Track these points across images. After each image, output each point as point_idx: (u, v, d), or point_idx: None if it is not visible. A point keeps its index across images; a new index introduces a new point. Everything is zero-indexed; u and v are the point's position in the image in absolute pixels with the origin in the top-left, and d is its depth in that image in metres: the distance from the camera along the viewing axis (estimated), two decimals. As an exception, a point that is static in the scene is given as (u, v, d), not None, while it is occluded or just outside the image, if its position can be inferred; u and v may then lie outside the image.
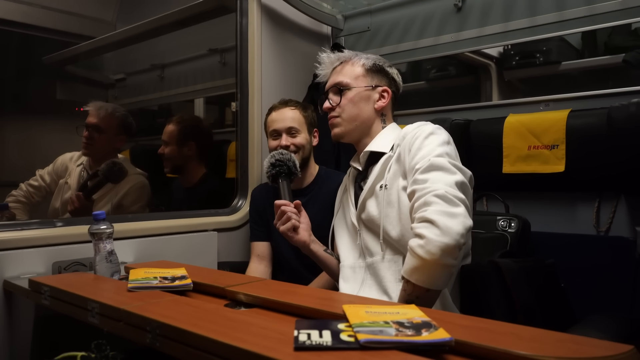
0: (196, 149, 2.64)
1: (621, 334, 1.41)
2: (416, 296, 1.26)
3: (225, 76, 3.25)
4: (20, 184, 2.53)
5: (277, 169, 1.73)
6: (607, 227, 1.93)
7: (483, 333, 0.94)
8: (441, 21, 2.41)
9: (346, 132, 1.66)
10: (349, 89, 1.64)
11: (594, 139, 1.86)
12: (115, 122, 2.56)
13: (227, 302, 1.31)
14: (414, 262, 1.25)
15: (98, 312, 1.20)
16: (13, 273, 1.62)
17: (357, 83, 1.65)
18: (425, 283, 1.25)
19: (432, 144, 1.43)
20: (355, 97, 1.64)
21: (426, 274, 1.24)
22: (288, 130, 2.04)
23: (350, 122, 1.64)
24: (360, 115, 1.64)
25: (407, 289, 1.28)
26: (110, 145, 2.55)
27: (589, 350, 0.84)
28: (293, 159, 1.78)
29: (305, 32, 2.70)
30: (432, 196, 1.28)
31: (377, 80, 1.67)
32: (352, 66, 1.68)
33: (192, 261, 1.82)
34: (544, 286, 1.67)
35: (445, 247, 1.21)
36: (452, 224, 1.23)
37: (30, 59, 3.48)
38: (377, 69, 1.68)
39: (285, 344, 0.86)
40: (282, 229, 1.64)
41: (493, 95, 3.16)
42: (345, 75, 1.67)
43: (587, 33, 2.89)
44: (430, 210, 1.26)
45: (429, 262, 1.22)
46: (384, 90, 1.66)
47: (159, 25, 3.14)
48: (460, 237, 1.23)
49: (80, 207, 2.28)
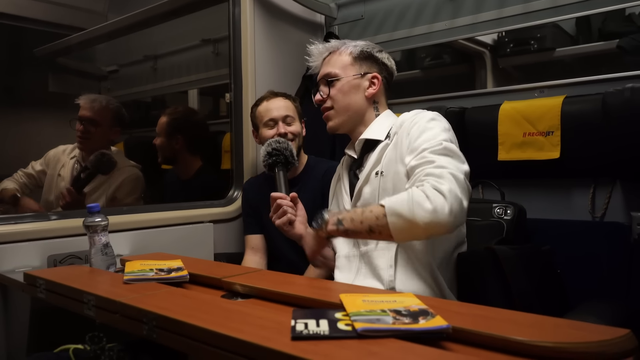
0: (184, 142, 2.63)
1: (617, 319, 1.42)
2: (380, 232, 1.29)
3: (218, 67, 3.23)
4: (14, 174, 2.52)
5: (273, 158, 1.72)
6: (602, 213, 1.93)
7: (480, 320, 0.94)
8: (435, 9, 2.39)
9: (340, 124, 1.64)
10: (338, 79, 1.62)
11: (589, 125, 1.85)
12: (109, 115, 2.54)
13: (224, 293, 1.31)
14: (406, 222, 1.24)
15: (94, 305, 1.19)
16: (8, 267, 1.61)
17: (346, 72, 1.62)
18: (397, 235, 1.27)
19: (437, 128, 1.42)
20: (344, 87, 1.62)
21: (406, 232, 1.26)
22: (284, 119, 2.04)
23: (343, 113, 1.63)
24: (351, 105, 1.62)
25: (378, 218, 1.28)
26: (105, 137, 2.53)
27: (587, 335, 0.84)
28: (290, 147, 1.76)
29: (298, 21, 2.67)
30: (448, 173, 1.27)
31: (366, 67, 1.64)
32: (340, 55, 1.65)
33: (188, 253, 1.82)
34: (540, 273, 1.68)
35: (438, 227, 1.23)
36: (458, 212, 1.24)
37: (21, 51, 3.45)
38: (364, 55, 1.65)
39: (282, 334, 0.85)
40: (278, 223, 1.63)
41: (488, 82, 3.15)
42: (334, 65, 1.64)
43: (581, 19, 2.89)
44: (445, 185, 1.25)
45: (419, 226, 1.23)
46: (373, 77, 1.63)
47: (151, 15, 3.11)
48: (454, 228, 1.26)
49: (72, 201, 2.26)
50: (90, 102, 2.50)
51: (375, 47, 1.69)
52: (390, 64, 1.70)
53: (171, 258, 1.61)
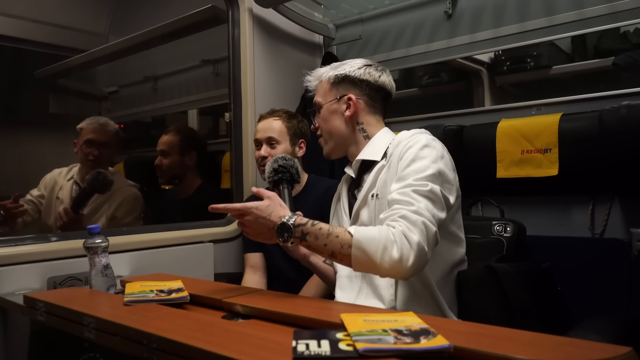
0: (197, 158, 2.66)
1: (619, 336, 1.41)
2: (340, 258, 1.31)
3: (218, 87, 3.26)
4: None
5: (279, 175, 1.70)
6: (601, 230, 1.93)
7: (481, 338, 0.94)
8: (432, 28, 2.42)
9: (331, 150, 1.67)
10: (320, 107, 1.66)
11: (587, 142, 1.86)
12: (117, 138, 2.59)
13: (225, 313, 1.31)
14: (368, 260, 1.25)
15: (94, 327, 1.19)
16: (7, 289, 1.60)
17: (326, 99, 1.64)
18: (355, 264, 1.28)
19: (428, 158, 1.40)
20: (324, 114, 1.64)
21: (362, 265, 1.28)
22: (267, 141, 2.05)
23: (330, 139, 1.65)
24: (333, 130, 1.63)
25: (339, 253, 1.30)
26: (113, 159, 2.59)
27: (588, 353, 0.84)
28: (296, 165, 1.74)
29: (297, 42, 2.70)
30: (422, 221, 1.27)
31: (343, 90, 1.62)
32: (322, 83, 1.67)
33: (189, 273, 1.81)
34: (540, 290, 1.68)
35: (396, 273, 1.25)
36: (418, 265, 1.25)
37: (22, 72, 3.48)
38: (339, 79, 1.62)
39: (283, 355, 0.85)
40: (282, 243, 1.63)
41: (485, 100, 3.18)
42: (318, 94, 1.68)
43: (576, 37, 2.92)
44: (416, 234, 1.25)
45: (379, 268, 1.25)
46: (348, 99, 1.60)
47: (151, 37, 3.15)
48: (413, 274, 1.26)
49: (69, 221, 2.26)
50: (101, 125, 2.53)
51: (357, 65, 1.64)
52: (374, 78, 1.62)
53: (171, 279, 1.60)
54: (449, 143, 1.84)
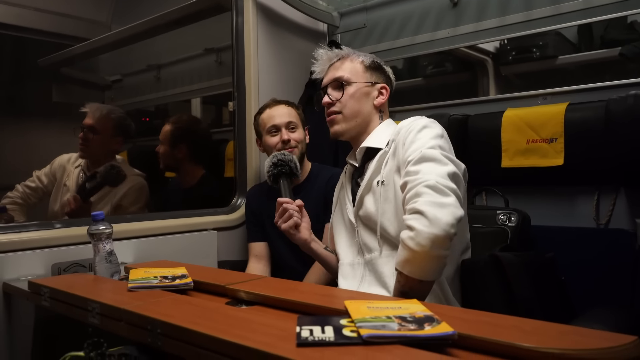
0: (187, 151, 2.66)
1: (623, 326, 1.41)
2: (410, 287, 1.26)
3: (221, 75, 3.25)
4: (17, 185, 2.52)
5: (278, 169, 1.73)
6: (606, 220, 1.93)
7: (486, 326, 0.94)
8: (437, 17, 2.40)
9: (346, 129, 1.65)
10: (349, 84, 1.64)
11: (593, 132, 1.85)
12: (110, 124, 2.54)
13: (228, 300, 1.31)
14: (405, 254, 1.25)
15: (99, 313, 1.19)
16: (12, 275, 1.61)
17: (358, 79, 1.65)
18: (417, 274, 1.25)
19: (425, 137, 1.43)
20: (356, 93, 1.64)
21: (417, 266, 1.24)
22: (287, 125, 2.05)
23: (352, 119, 1.64)
24: (361, 112, 1.64)
25: (400, 281, 1.28)
26: (106, 146, 2.53)
27: (592, 342, 0.84)
28: (295, 159, 1.78)
29: (301, 30, 2.69)
30: (423, 187, 1.27)
31: (376, 77, 1.68)
32: (352, 62, 1.68)
33: (192, 260, 1.82)
34: (544, 280, 1.67)
35: (434, 238, 1.21)
36: (442, 215, 1.22)
37: (25, 61, 3.47)
38: (375, 66, 1.70)
39: (287, 341, 0.85)
40: (284, 227, 1.64)
41: (490, 90, 3.16)
42: (346, 70, 1.67)
43: (583, 27, 2.89)
44: (420, 201, 1.25)
45: (420, 253, 1.22)
46: (382, 87, 1.68)
47: (154, 25, 3.13)
48: (450, 227, 1.22)
49: (77, 209, 2.27)
50: (93, 110, 2.51)
51: (382, 61, 1.74)
52: (393, 77, 1.75)
53: (175, 266, 1.61)
54: (454, 132, 1.85)
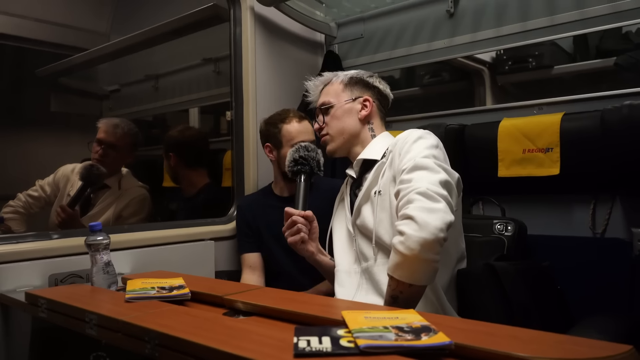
0: (177, 160, 2.66)
1: (620, 335, 1.41)
2: (400, 291, 1.27)
3: (219, 85, 3.26)
4: (19, 194, 2.51)
5: (298, 167, 1.70)
6: (603, 229, 1.93)
7: (482, 336, 0.94)
8: (434, 27, 2.42)
9: (336, 147, 1.73)
10: (331, 107, 1.73)
11: (588, 142, 1.86)
12: (129, 140, 2.58)
13: (226, 310, 1.31)
14: (395, 258, 1.27)
15: (96, 324, 1.19)
16: (9, 286, 1.61)
17: (338, 100, 1.73)
18: (408, 278, 1.25)
19: (420, 147, 1.46)
20: (337, 113, 1.73)
21: (407, 270, 1.25)
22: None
23: (338, 137, 1.72)
24: (345, 128, 1.71)
25: (391, 285, 1.30)
26: (123, 161, 2.58)
27: (588, 351, 0.84)
28: (318, 157, 1.74)
29: (298, 40, 2.70)
30: (414, 194, 1.29)
31: (358, 92, 1.74)
32: (332, 85, 1.77)
33: (190, 271, 1.81)
34: (540, 288, 1.68)
35: (424, 242, 1.22)
36: (431, 219, 1.23)
37: (23, 71, 3.48)
38: (354, 81, 1.76)
39: (284, 351, 0.85)
40: (291, 240, 1.66)
41: (487, 100, 3.18)
42: (327, 95, 1.76)
43: (578, 37, 2.92)
44: (411, 207, 1.27)
45: (409, 257, 1.23)
46: (364, 100, 1.73)
47: (152, 35, 3.15)
48: (439, 231, 1.23)
49: (67, 218, 2.26)
50: (110, 126, 2.53)
51: (367, 74, 1.79)
52: (382, 87, 1.79)
53: (172, 276, 1.61)
54: (451, 142, 1.85)
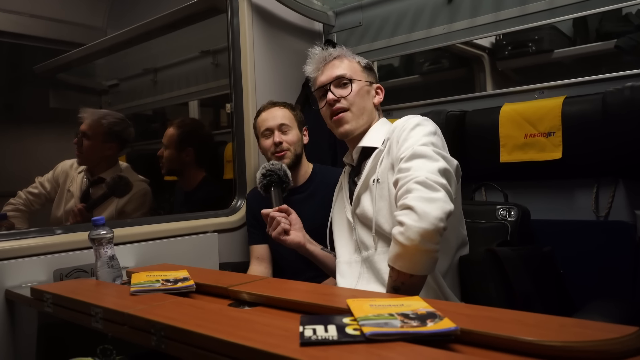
0: (194, 154, 2.65)
1: (624, 318, 1.41)
2: (402, 282, 1.27)
3: (218, 78, 3.25)
4: (19, 191, 2.51)
5: (267, 179, 1.77)
6: (606, 212, 1.93)
7: (487, 321, 0.94)
8: (432, 13, 2.41)
9: (356, 127, 1.66)
10: (354, 82, 1.67)
11: (590, 125, 1.86)
12: (101, 130, 2.53)
13: (231, 301, 1.31)
14: (396, 249, 1.26)
15: (102, 317, 1.20)
16: (14, 282, 1.61)
17: (359, 77, 1.68)
18: (408, 269, 1.25)
19: (418, 134, 1.44)
20: (361, 91, 1.67)
21: (408, 260, 1.25)
22: (279, 127, 2.05)
23: (360, 116, 1.66)
24: (366, 109, 1.67)
25: (392, 276, 1.29)
26: (98, 152, 2.51)
27: (594, 334, 0.84)
28: (284, 168, 1.81)
29: (296, 30, 2.69)
30: (413, 183, 1.28)
31: (372, 78, 1.73)
32: (350, 62, 1.71)
33: (194, 263, 1.82)
34: (542, 273, 1.68)
35: (424, 232, 1.21)
36: (431, 209, 1.23)
37: (21, 68, 3.46)
38: (369, 67, 1.75)
39: (290, 341, 0.86)
40: (274, 235, 1.68)
41: (487, 86, 3.17)
42: (347, 69, 1.68)
43: (577, 20, 2.90)
44: (410, 197, 1.26)
45: (410, 248, 1.23)
46: (378, 87, 1.73)
47: (149, 29, 3.13)
48: (439, 221, 1.22)
49: (82, 220, 2.27)
50: (87, 115, 2.51)
51: None
52: None
53: (177, 269, 1.61)
54: (452, 128, 1.84)
